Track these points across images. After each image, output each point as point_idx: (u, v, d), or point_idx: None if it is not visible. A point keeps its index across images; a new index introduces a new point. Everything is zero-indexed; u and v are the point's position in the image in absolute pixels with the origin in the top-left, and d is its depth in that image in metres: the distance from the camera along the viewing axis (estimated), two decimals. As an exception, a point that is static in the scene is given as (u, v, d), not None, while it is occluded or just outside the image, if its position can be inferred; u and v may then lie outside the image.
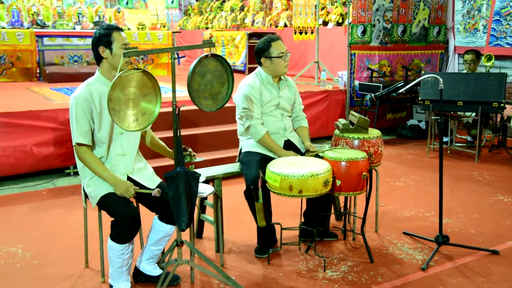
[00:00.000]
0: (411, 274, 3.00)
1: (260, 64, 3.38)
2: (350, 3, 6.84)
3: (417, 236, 3.52)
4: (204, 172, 3.29)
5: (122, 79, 2.41)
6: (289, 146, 3.41)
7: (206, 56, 2.67)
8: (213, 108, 2.76)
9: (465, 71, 6.22)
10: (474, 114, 5.75)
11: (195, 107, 2.67)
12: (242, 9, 11.22)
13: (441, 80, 3.30)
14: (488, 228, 3.71)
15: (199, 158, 3.08)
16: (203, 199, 3.42)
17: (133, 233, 2.60)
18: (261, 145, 3.31)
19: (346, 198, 3.50)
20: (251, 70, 7.56)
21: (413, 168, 5.38)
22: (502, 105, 5.42)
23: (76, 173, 4.94)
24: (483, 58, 6.17)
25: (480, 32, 7.04)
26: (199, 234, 3.56)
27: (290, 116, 3.54)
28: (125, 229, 2.55)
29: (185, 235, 3.08)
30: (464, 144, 6.23)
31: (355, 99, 6.94)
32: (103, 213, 2.75)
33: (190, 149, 2.96)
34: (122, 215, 2.54)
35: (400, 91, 3.52)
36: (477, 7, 7.09)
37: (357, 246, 3.38)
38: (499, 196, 4.43)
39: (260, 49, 3.34)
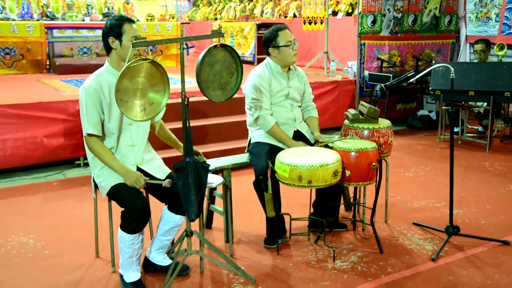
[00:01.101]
0: (421, 265, 2.98)
1: (269, 54, 3.37)
2: (359, -8, 6.78)
3: (427, 226, 3.50)
4: (214, 163, 3.29)
5: (130, 70, 2.42)
6: (298, 136, 3.39)
7: (215, 46, 2.66)
8: (222, 99, 2.76)
9: (475, 61, 6.15)
10: (485, 104, 5.68)
11: (204, 98, 2.67)
12: (251, -1, 11.18)
13: (452, 69, 3.26)
14: (499, 219, 3.69)
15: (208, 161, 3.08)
16: (213, 189, 3.42)
17: (143, 224, 2.62)
18: (271, 135, 3.30)
19: (355, 188, 3.49)
20: (260, 60, 7.54)
21: (423, 158, 5.34)
22: (514, 94, 5.35)
23: (86, 164, 4.97)
24: (495, 47, 6.09)
25: (493, 21, 6.94)
26: (208, 224, 3.57)
27: (300, 107, 3.53)
28: (135, 219, 2.57)
29: (195, 226, 3.09)
30: (475, 135, 6.18)
31: (364, 89, 6.89)
32: (113, 203, 2.77)
33: (200, 153, 2.95)
34: (132, 206, 2.56)
35: (410, 81, 3.48)
36: (489, -4, 6.99)
37: (366, 237, 3.37)
38: (510, 187, 4.39)
39: (267, 39, 3.33)
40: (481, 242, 3.26)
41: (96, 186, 2.85)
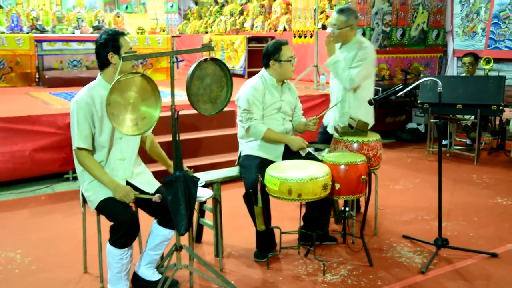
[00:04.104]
0: (411, 278, 2.99)
1: (267, 66, 3.39)
2: (349, 6, 6.87)
3: (417, 239, 3.51)
4: (203, 177, 3.29)
5: (120, 84, 2.42)
6: (289, 150, 3.40)
7: (205, 60, 2.68)
8: (212, 112, 2.77)
9: (463, 74, 6.24)
10: (473, 117, 5.75)
11: (195, 111, 2.67)
12: (241, 13, 11.25)
13: (440, 83, 3.31)
14: (488, 231, 3.72)
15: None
16: (202, 203, 3.42)
17: (132, 238, 2.60)
18: (266, 141, 3.31)
19: (345, 201, 3.50)
20: (250, 74, 7.58)
21: (412, 171, 5.38)
22: (500, 108, 5.42)
23: (75, 178, 4.94)
24: (481, 61, 6.19)
25: (479, 35, 7.06)
26: (198, 238, 3.56)
27: (290, 121, 3.55)
28: (124, 233, 2.55)
29: (184, 240, 3.07)
30: (464, 147, 6.24)
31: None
32: (102, 217, 2.75)
33: (190, 170, 2.95)
34: (121, 220, 2.54)
35: (399, 94, 3.52)
36: (475, 10, 7.11)
37: (356, 250, 3.37)
38: (498, 199, 4.44)
39: (270, 52, 3.35)
40: (469, 254, 3.28)
41: (84, 200, 2.84)
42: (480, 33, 7.05)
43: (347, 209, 3.59)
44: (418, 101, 5.81)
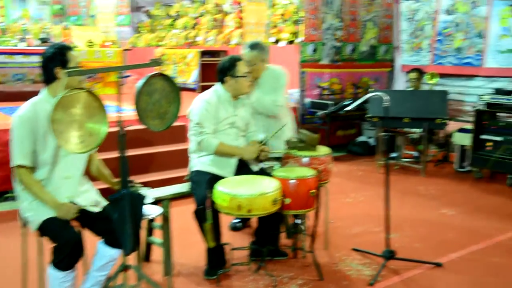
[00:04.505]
0: (360, 290, 3.06)
1: (223, 81, 3.40)
2: (302, 22, 7.02)
3: (366, 251, 3.60)
4: (152, 193, 3.25)
5: (65, 100, 2.36)
6: (242, 166, 3.41)
7: (154, 75, 2.67)
8: (161, 128, 2.75)
9: (410, 89, 6.48)
10: (420, 130, 5.96)
11: (144, 126, 2.65)
12: (194, 27, 11.26)
13: (385, 98, 3.43)
14: (433, 241, 3.85)
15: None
16: (151, 221, 3.37)
17: (75, 259, 2.53)
18: (219, 155, 3.31)
19: (295, 216, 3.54)
20: (203, 88, 7.56)
21: (363, 184, 5.51)
22: (444, 121, 5.67)
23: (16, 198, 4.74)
24: (426, 76, 6.45)
25: (425, 51, 7.36)
26: (146, 257, 3.50)
27: (244, 136, 3.57)
28: (67, 254, 2.48)
29: (132, 259, 3.01)
30: (411, 159, 6.45)
31: (307, 116, 7.05)
32: (44, 239, 2.66)
33: (138, 183, 2.91)
34: (64, 240, 2.47)
35: (347, 108, 3.62)
36: (421, 27, 7.41)
37: (307, 264, 3.41)
38: (443, 210, 4.61)
39: (225, 68, 3.38)
40: (416, 265, 3.39)
41: (25, 221, 2.73)
42: (425, 49, 7.35)
43: (299, 221, 3.62)
44: (368, 115, 5.97)
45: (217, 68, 3.43)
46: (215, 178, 3.21)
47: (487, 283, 3.19)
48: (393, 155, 6.44)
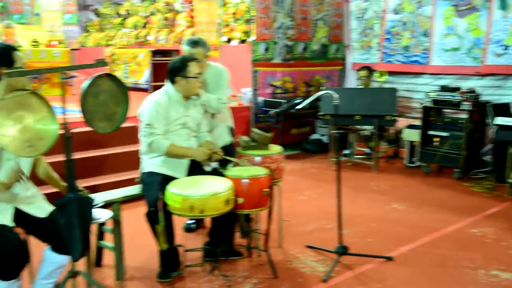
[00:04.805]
0: (313, 287, 3.10)
1: (173, 82, 3.37)
2: (253, 21, 7.05)
3: (320, 248, 3.66)
4: (102, 197, 3.18)
5: (7, 102, 2.28)
6: (194, 166, 3.39)
7: (100, 76, 2.61)
8: (108, 130, 2.70)
9: (360, 87, 6.64)
10: (371, 127, 6.11)
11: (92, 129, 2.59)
12: (145, 26, 11.10)
13: (335, 96, 3.49)
14: (384, 236, 3.97)
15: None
16: (101, 225, 3.30)
17: (20, 268, 2.44)
18: (170, 156, 3.28)
19: (249, 215, 3.56)
20: (155, 88, 7.46)
21: (316, 181, 5.60)
22: (394, 118, 5.85)
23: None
24: (376, 74, 6.63)
25: (374, 50, 7.55)
26: (97, 262, 3.42)
27: (196, 137, 3.54)
28: (11, 263, 2.39)
29: (82, 265, 2.94)
30: (363, 156, 6.60)
31: (260, 115, 7.09)
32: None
33: (85, 190, 2.83)
34: (7, 249, 2.38)
35: (298, 107, 3.67)
36: (370, 26, 7.60)
37: (262, 263, 3.43)
38: (393, 205, 4.76)
39: (176, 68, 3.34)
40: (368, 259, 3.48)
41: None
42: (375, 47, 7.55)
43: (249, 216, 3.63)
44: (320, 113, 6.07)
45: (167, 68, 3.39)
46: (167, 179, 3.18)
47: (434, 274, 3.31)
48: (346, 152, 6.58)
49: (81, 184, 3.17)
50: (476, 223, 4.27)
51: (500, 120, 4.92)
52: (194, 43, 3.75)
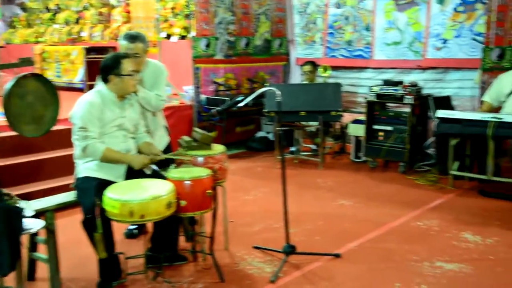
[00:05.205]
0: (261, 288, 3.14)
1: (106, 81, 3.29)
2: (193, 16, 7.01)
3: (267, 248, 3.70)
4: (33, 205, 3.06)
5: None
6: (133, 169, 3.33)
7: (25, 76, 2.52)
8: (37, 134, 2.63)
9: (305, 82, 6.76)
10: (317, 123, 6.23)
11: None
12: (77, 21, 10.78)
13: (278, 92, 3.54)
14: (332, 233, 4.06)
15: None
16: (33, 235, 3.18)
17: None
18: (105, 162, 3.21)
19: (193, 218, 3.55)
20: (91, 87, 7.27)
21: (262, 180, 5.65)
22: (339, 113, 5.99)
23: None
24: (320, 69, 6.77)
25: (317, 44, 7.70)
26: (30, 275, 3.30)
27: (134, 138, 3.48)
28: None
29: (12, 280, 2.83)
30: (310, 153, 6.72)
31: (203, 114, 7.05)
32: None
33: (12, 194, 2.72)
34: None
35: (241, 104, 3.69)
36: (313, 21, 7.74)
37: (208, 267, 3.43)
38: (340, 201, 4.88)
39: (109, 66, 3.27)
40: (316, 257, 3.55)
41: None
42: (318, 42, 7.69)
43: (193, 219, 3.62)
44: (265, 110, 6.13)
45: (99, 67, 3.32)
46: (104, 183, 3.11)
47: (381, 269, 3.42)
48: (292, 149, 6.68)
49: (13, 192, 3.05)
50: (421, 215, 4.45)
51: (441, 113, 5.13)
52: (133, 37, 3.69)
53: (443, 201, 4.85)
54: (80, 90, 8.52)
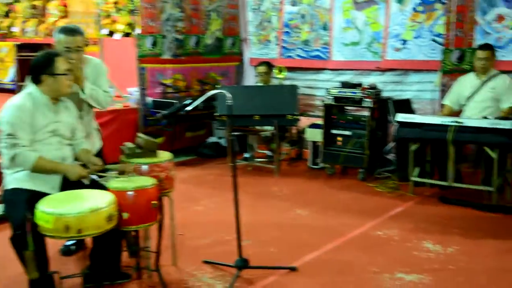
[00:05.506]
0: (212, 306, 3.12)
1: (38, 82, 3.20)
2: (138, 11, 6.93)
3: (218, 263, 3.68)
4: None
5: None
6: (69, 182, 3.25)
7: None
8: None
9: (259, 84, 6.80)
10: (272, 127, 6.26)
11: None
12: (7, 15, 10.45)
13: (228, 95, 3.54)
14: (287, 245, 4.09)
15: None
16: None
17: None
18: (38, 172, 3.11)
19: (137, 231, 3.49)
20: (23, 88, 7.08)
21: (214, 189, 5.63)
22: (295, 117, 6.05)
23: None
24: (275, 70, 6.82)
25: (272, 44, 7.77)
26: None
27: (70, 145, 3.40)
28: None
29: None
30: (265, 159, 6.76)
31: (149, 118, 6.96)
32: None
33: None
34: None
35: (188, 108, 3.67)
36: (268, 18, 7.81)
37: (153, 285, 3.38)
38: (297, 210, 4.93)
39: (40, 65, 3.19)
40: (271, 271, 3.57)
41: None
42: (273, 41, 7.76)
43: (137, 232, 3.57)
44: (216, 114, 6.12)
45: (30, 67, 3.23)
46: (36, 196, 3.01)
47: (340, 283, 3.48)
48: (246, 155, 6.70)
49: None
50: (381, 224, 4.55)
51: (401, 117, 5.26)
52: (72, 30, 3.62)
53: (403, 209, 4.98)
54: (11, 91, 8.26)
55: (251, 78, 8.16)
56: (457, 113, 5.45)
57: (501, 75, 5.28)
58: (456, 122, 4.93)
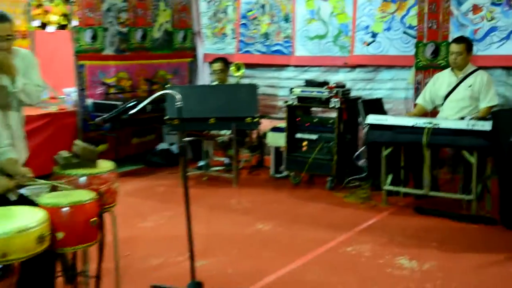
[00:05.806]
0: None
1: None
2: (74, 1, 6.81)
3: (167, 287, 3.63)
4: None
5: None
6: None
7: None
8: None
9: (215, 83, 6.78)
10: (229, 132, 6.24)
11: None
12: None
13: (178, 96, 3.50)
14: (247, 265, 4.08)
15: None
16: None
17: None
18: None
19: (74, 253, 3.42)
20: None
21: (165, 203, 5.58)
22: (255, 120, 6.04)
23: None
24: (232, 67, 6.81)
25: (229, 38, 7.76)
26: None
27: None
28: None
29: None
30: (222, 167, 6.73)
31: (90, 122, 6.84)
32: None
33: None
34: None
35: (132, 112, 3.61)
36: (223, 9, 7.80)
37: (93, 314, 3.31)
38: (258, 225, 4.92)
39: None
40: (228, 296, 3.54)
41: None
42: (230, 35, 7.76)
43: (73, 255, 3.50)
44: (166, 117, 6.05)
45: None
46: (-47, 215, 2.92)
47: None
48: (201, 163, 6.66)
49: None
50: (351, 239, 4.58)
51: (372, 119, 5.30)
52: (1, 17, 3.52)
53: (375, 221, 5.04)
54: None
55: (205, 76, 8.14)
56: (431, 114, 5.54)
57: (479, 71, 5.37)
58: (432, 123, 5.00)
